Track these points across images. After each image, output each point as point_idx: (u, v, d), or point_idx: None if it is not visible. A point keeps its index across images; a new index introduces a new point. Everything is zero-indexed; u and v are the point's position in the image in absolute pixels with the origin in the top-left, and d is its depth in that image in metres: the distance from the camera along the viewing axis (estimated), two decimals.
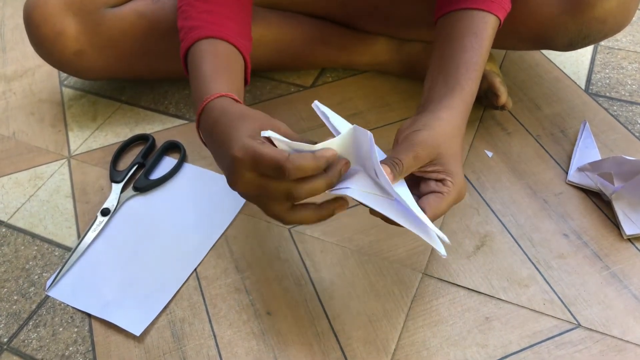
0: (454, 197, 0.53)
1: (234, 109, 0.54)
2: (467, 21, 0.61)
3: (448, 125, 0.55)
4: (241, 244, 0.69)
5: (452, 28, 0.61)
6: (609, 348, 0.56)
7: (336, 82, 0.91)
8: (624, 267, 0.63)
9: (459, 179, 0.53)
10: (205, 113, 0.56)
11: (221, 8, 0.65)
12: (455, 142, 0.55)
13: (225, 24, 0.64)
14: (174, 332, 0.61)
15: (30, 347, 0.62)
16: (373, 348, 0.58)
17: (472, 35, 0.60)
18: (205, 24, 0.63)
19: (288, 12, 0.88)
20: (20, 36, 1.10)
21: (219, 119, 0.54)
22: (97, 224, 0.72)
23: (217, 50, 0.62)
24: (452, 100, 0.57)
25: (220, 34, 0.63)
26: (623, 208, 0.66)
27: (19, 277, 0.69)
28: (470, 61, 0.59)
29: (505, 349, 0.57)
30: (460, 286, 0.62)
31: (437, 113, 0.55)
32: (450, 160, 0.53)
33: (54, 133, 0.88)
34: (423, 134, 0.53)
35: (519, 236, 0.66)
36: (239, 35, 0.65)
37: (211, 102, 0.56)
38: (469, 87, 0.58)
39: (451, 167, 0.53)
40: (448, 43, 0.61)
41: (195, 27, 0.63)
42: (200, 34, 0.62)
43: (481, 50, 0.60)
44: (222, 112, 0.54)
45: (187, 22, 0.64)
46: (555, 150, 0.76)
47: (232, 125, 0.52)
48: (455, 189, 0.53)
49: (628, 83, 0.86)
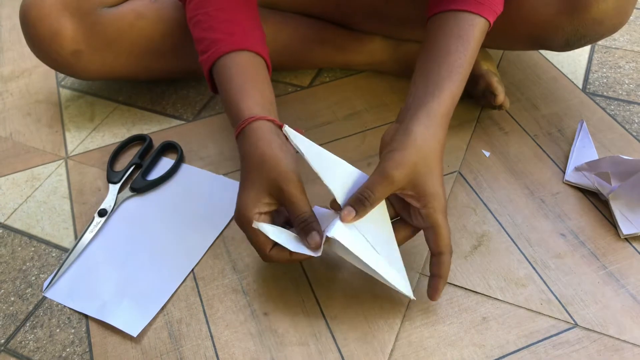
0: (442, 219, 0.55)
1: (258, 151, 0.58)
2: (452, 23, 0.60)
3: (423, 139, 0.55)
4: (238, 244, 0.69)
5: (438, 30, 0.61)
6: (606, 348, 0.56)
7: (333, 82, 0.91)
8: (621, 266, 0.63)
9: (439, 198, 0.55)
10: (240, 140, 0.61)
11: (239, 15, 0.66)
12: (433, 158, 0.55)
13: (246, 33, 0.66)
14: (171, 333, 0.61)
15: (27, 348, 0.62)
16: (370, 348, 0.58)
17: (457, 37, 0.59)
18: (226, 36, 0.65)
19: (285, 12, 0.88)
20: (17, 37, 1.10)
21: (244, 158, 0.59)
22: (94, 225, 0.72)
23: (243, 63, 0.64)
24: (429, 108, 0.56)
25: (245, 46, 0.65)
26: (620, 208, 0.66)
27: (16, 278, 0.69)
28: (454, 64, 0.58)
29: (502, 349, 0.57)
30: (458, 286, 0.62)
31: (412, 127, 0.55)
32: (428, 181, 0.54)
33: (51, 134, 0.88)
34: (396, 155, 0.54)
35: (516, 236, 0.66)
36: (260, 42, 0.67)
37: (245, 128, 0.60)
38: (449, 89, 0.58)
39: (429, 188, 0.54)
40: (432, 45, 0.61)
41: (217, 40, 0.64)
42: (225, 48, 0.64)
43: (466, 52, 0.59)
44: (248, 150, 0.59)
45: (208, 34, 0.65)
46: (553, 149, 0.76)
47: (248, 177, 0.58)
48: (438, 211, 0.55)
49: (625, 82, 0.86)
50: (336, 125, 0.83)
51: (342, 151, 0.78)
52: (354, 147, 0.79)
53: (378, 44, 0.87)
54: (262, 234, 0.56)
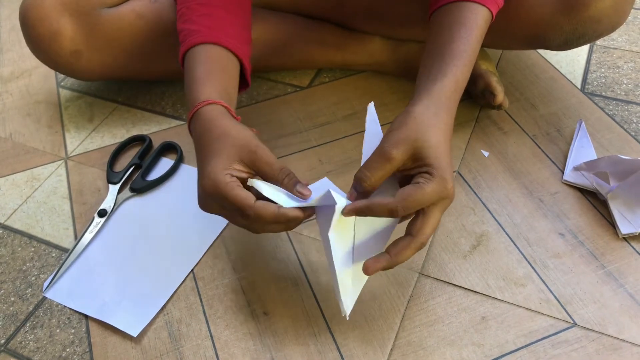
0: (432, 189, 0.50)
1: (217, 124, 0.56)
2: (456, 13, 0.60)
3: (423, 117, 0.53)
4: (238, 244, 0.69)
5: (441, 23, 0.61)
6: (605, 347, 0.56)
7: (333, 83, 0.91)
8: (620, 266, 0.63)
9: (439, 173, 0.51)
10: (193, 121, 0.58)
11: (220, 11, 0.65)
12: (434, 133, 0.52)
13: (222, 29, 0.65)
14: (171, 333, 0.61)
15: (27, 348, 0.62)
16: (370, 348, 0.58)
17: (460, 25, 0.59)
18: (202, 28, 0.64)
19: (284, 12, 0.88)
20: (16, 37, 1.10)
21: (203, 135, 0.57)
22: (94, 225, 0.72)
23: (211, 55, 0.63)
24: (430, 90, 0.55)
25: (217, 39, 0.63)
26: (619, 207, 0.67)
27: (16, 279, 0.69)
28: (457, 50, 0.57)
29: (501, 348, 0.57)
30: (457, 286, 0.63)
31: (412, 107, 0.54)
32: (429, 153, 0.51)
33: (50, 134, 0.88)
34: (395, 134, 0.52)
35: (515, 235, 0.67)
36: (236, 40, 0.65)
37: (200, 109, 0.58)
38: (451, 73, 0.56)
39: (431, 159, 0.51)
40: (436, 38, 0.60)
41: (193, 32, 0.64)
42: (197, 40, 0.63)
43: (469, 39, 0.58)
44: (206, 127, 0.56)
45: (186, 25, 0.65)
46: (551, 149, 0.76)
47: (211, 149, 0.55)
48: (436, 179, 0.50)
49: (624, 82, 0.86)
50: (335, 125, 0.83)
51: (342, 151, 0.79)
52: (353, 147, 0.79)
53: (378, 44, 0.87)
54: (240, 189, 0.52)
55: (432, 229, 0.52)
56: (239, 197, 0.52)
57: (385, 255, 0.52)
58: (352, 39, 0.88)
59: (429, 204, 0.51)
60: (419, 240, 0.52)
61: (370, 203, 0.51)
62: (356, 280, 0.54)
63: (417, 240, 0.52)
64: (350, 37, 0.88)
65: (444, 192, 0.51)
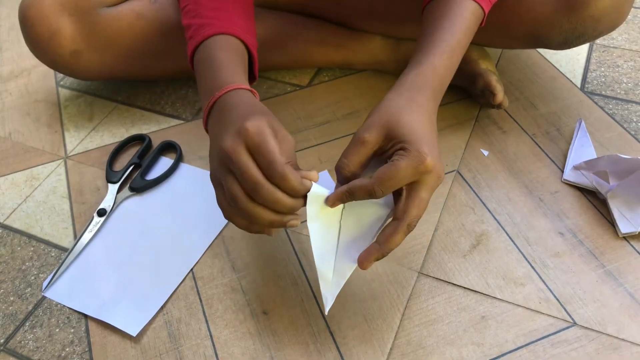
0: (407, 162, 0.49)
1: (255, 102, 0.56)
2: (442, 8, 0.60)
3: (394, 101, 0.53)
4: (237, 243, 0.69)
5: (429, 17, 0.61)
6: (605, 346, 0.56)
7: (332, 82, 0.91)
8: (619, 265, 0.63)
9: (414, 147, 0.49)
10: (226, 97, 0.56)
11: (227, 5, 0.65)
12: (407, 112, 0.52)
13: (233, 21, 0.65)
14: (170, 333, 0.61)
15: (26, 348, 0.62)
16: (369, 347, 0.58)
17: (443, 18, 0.59)
18: (214, 21, 0.64)
19: (284, 12, 0.88)
20: (16, 36, 1.09)
21: (240, 104, 0.55)
22: (93, 225, 0.72)
23: (230, 44, 0.63)
24: (404, 79, 0.55)
25: (231, 30, 0.63)
26: (618, 206, 0.67)
27: (15, 278, 0.69)
28: (437, 39, 0.58)
29: (501, 348, 0.57)
30: (456, 285, 0.62)
31: (387, 95, 0.55)
32: (402, 130, 0.51)
33: (50, 133, 0.88)
34: (367, 120, 0.53)
35: (515, 235, 0.67)
36: (247, 32, 0.66)
37: (235, 90, 0.56)
38: (428, 62, 0.56)
39: (404, 136, 0.50)
40: (423, 31, 0.61)
41: (204, 25, 0.63)
42: (211, 31, 0.63)
43: (452, 29, 0.58)
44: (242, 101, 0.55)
45: (195, 20, 0.65)
46: (551, 148, 0.76)
47: (255, 110, 0.53)
48: (411, 154, 0.49)
49: (624, 81, 0.86)
50: (335, 124, 0.83)
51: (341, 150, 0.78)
52: None
53: (377, 43, 0.87)
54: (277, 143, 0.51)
55: (417, 209, 0.51)
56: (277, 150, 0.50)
57: (375, 245, 0.52)
58: (352, 38, 0.88)
59: (407, 180, 0.50)
60: (404, 222, 0.51)
61: (349, 187, 0.51)
62: (338, 275, 0.53)
63: (403, 222, 0.51)
64: (350, 36, 0.88)
65: (422, 166, 0.49)
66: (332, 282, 0.53)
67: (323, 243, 0.53)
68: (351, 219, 0.54)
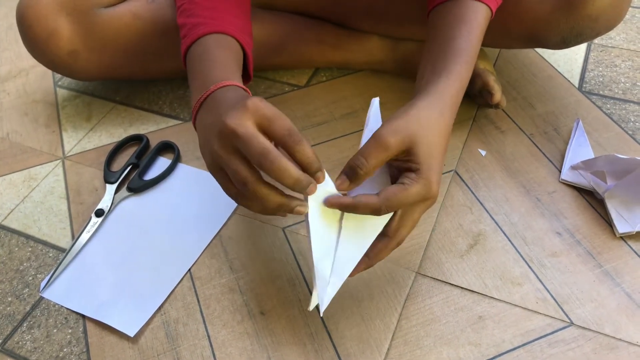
0: (417, 190, 0.50)
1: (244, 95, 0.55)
2: (456, 11, 0.60)
3: (425, 111, 0.52)
4: (235, 244, 0.69)
5: (442, 20, 0.61)
6: (602, 346, 0.56)
7: (330, 81, 0.91)
8: (617, 265, 0.63)
9: (426, 175, 0.50)
10: (218, 93, 0.55)
11: (223, 5, 0.65)
12: (433, 132, 0.52)
13: (228, 20, 0.64)
14: (168, 333, 0.61)
15: (24, 348, 0.62)
16: (366, 347, 0.58)
17: (461, 23, 0.59)
18: (208, 20, 0.63)
19: (282, 12, 0.88)
20: (14, 36, 1.09)
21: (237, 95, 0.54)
22: (91, 225, 0.72)
23: (224, 43, 0.62)
24: (435, 86, 0.55)
25: (225, 29, 0.63)
26: (616, 206, 0.67)
27: (13, 279, 0.69)
28: (459, 47, 0.57)
29: (498, 348, 0.57)
30: (454, 285, 0.63)
31: (416, 101, 0.54)
32: (422, 151, 0.51)
33: (48, 134, 0.88)
34: (394, 122, 0.51)
35: (512, 235, 0.67)
36: (241, 32, 0.65)
37: (227, 87, 0.55)
38: (456, 71, 0.56)
39: (421, 158, 0.51)
40: (437, 34, 0.60)
41: (199, 24, 0.63)
42: (206, 30, 0.62)
43: (470, 36, 0.58)
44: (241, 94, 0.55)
45: (190, 19, 0.64)
46: (549, 148, 0.76)
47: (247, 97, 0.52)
48: (421, 182, 0.50)
49: (621, 81, 0.86)
50: (333, 124, 0.83)
51: (339, 151, 0.79)
52: (351, 146, 0.79)
53: (376, 43, 0.87)
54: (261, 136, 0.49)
55: (408, 230, 0.54)
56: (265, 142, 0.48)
57: (364, 259, 0.54)
58: (350, 37, 0.88)
59: (412, 204, 0.52)
60: (394, 241, 0.54)
61: (355, 202, 0.50)
62: (336, 275, 0.52)
63: (394, 241, 0.54)
64: (348, 36, 0.88)
65: (427, 194, 0.51)
66: (330, 282, 0.52)
67: (323, 240, 0.52)
68: (353, 220, 0.53)
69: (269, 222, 0.71)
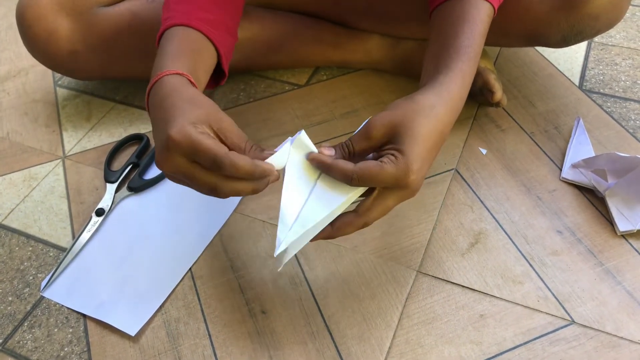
0: (393, 171, 0.49)
1: (185, 90, 0.54)
2: (459, 10, 0.60)
3: (416, 104, 0.52)
4: (236, 243, 0.69)
5: (445, 18, 0.61)
6: (603, 344, 0.56)
7: (330, 80, 0.91)
8: (618, 263, 0.63)
9: (406, 160, 0.50)
10: (157, 86, 0.55)
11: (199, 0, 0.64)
12: (422, 123, 0.51)
13: (195, 14, 0.63)
14: (169, 332, 0.61)
15: (25, 348, 0.62)
16: (368, 346, 0.58)
17: (464, 21, 0.58)
18: (177, 14, 0.62)
19: (282, 11, 0.88)
20: (13, 36, 1.09)
21: (169, 95, 0.53)
22: (91, 224, 0.72)
23: (183, 36, 0.61)
24: (434, 81, 0.55)
25: (188, 22, 0.61)
26: (617, 204, 0.67)
27: (14, 278, 0.69)
28: (461, 45, 0.57)
29: (499, 346, 0.57)
30: (455, 284, 0.62)
31: (414, 94, 0.54)
32: (407, 139, 0.50)
33: (48, 133, 0.88)
34: (383, 113, 0.52)
35: (513, 233, 0.67)
36: (210, 25, 0.63)
37: (165, 77, 0.55)
38: (458, 68, 0.56)
39: (405, 145, 0.50)
40: (440, 33, 0.60)
41: (168, 18, 0.62)
42: (171, 23, 0.61)
43: (473, 34, 0.58)
44: (173, 90, 0.53)
45: (165, 14, 0.64)
46: (549, 147, 0.76)
47: (179, 106, 0.52)
48: (400, 165, 0.49)
49: (622, 79, 0.86)
50: (333, 123, 0.83)
51: None
52: None
53: (375, 42, 0.87)
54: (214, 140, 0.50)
55: (379, 213, 0.53)
56: (214, 146, 0.49)
57: (328, 227, 0.53)
58: (350, 37, 0.88)
59: (385, 185, 0.51)
60: (362, 220, 0.53)
61: (332, 163, 0.51)
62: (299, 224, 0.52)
63: (361, 219, 0.53)
64: (347, 35, 0.88)
65: (403, 180, 0.50)
66: (292, 229, 0.52)
67: (294, 189, 0.52)
68: (328, 181, 0.53)
69: (270, 221, 0.71)
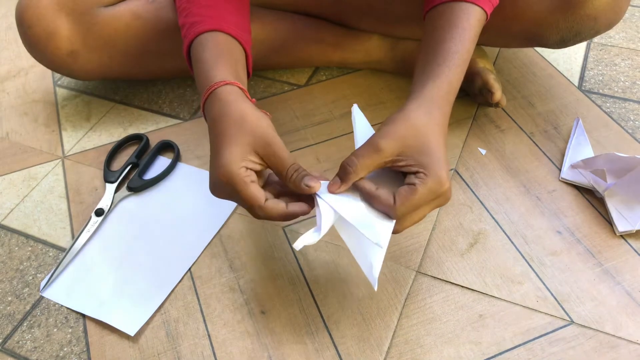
0: (427, 189, 0.51)
1: (235, 107, 0.55)
2: (449, 14, 0.60)
3: (414, 114, 0.53)
4: (235, 243, 0.69)
5: (435, 23, 0.61)
6: (602, 344, 0.56)
7: (330, 81, 0.91)
8: (617, 263, 0.63)
9: (434, 171, 0.51)
10: (209, 103, 0.57)
11: (218, 2, 0.65)
12: (425, 132, 0.53)
13: (224, 18, 0.64)
14: (168, 332, 0.61)
15: (24, 348, 0.62)
16: (367, 346, 0.58)
17: (453, 27, 0.59)
18: (205, 18, 0.64)
19: (282, 11, 0.88)
20: (13, 36, 1.09)
21: (219, 119, 0.56)
22: (91, 224, 0.72)
23: (218, 41, 0.63)
24: (423, 90, 0.56)
25: (220, 27, 0.63)
26: (616, 205, 0.67)
27: (13, 278, 0.69)
28: (449, 50, 0.58)
29: (498, 346, 0.57)
30: (454, 284, 0.63)
31: (405, 106, 0.55)
32: (419, 153, 0.52)
33: (47, 133, 0.88)
34: (385, 128, 0.53)
35: (513, 233, 0.67)
36: (238, 28, 0.65)
37: (216, 90, 0.57)
38: (445, 75, 0.57)
39: (422, 159, 0.52)
40: (429, 38, 0.61)
41: (196, 23, 0.64)
42: (202, 28, 0.63)
43: (462, 39, 0.59)
44: (223, 110, 0.56)
45: (188, 19, 0.65)
46: (549, 147, 0.76)
47: (227, 135, 0.54)
48: (429, 181, 0.51)
49: (621, 80, 0.86)
50: (333, 123, 0.83)
51: (338, 150, 0.79)
52: (351, 145, 0.79)
53: (375, 42, 0.87)
54: (253, 186, 0.53)
55: (411, 223, 0.54)
56: (251, 195, 0.53)
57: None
58: (350, 37, 0.88)
59: (425, 203, 0.52)
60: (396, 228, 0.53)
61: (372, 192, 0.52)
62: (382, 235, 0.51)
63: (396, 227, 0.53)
64: (347, 35, 0.88)
65: (440, 189, 0.52)
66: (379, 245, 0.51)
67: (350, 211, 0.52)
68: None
69: (269, 221, 0.71)
